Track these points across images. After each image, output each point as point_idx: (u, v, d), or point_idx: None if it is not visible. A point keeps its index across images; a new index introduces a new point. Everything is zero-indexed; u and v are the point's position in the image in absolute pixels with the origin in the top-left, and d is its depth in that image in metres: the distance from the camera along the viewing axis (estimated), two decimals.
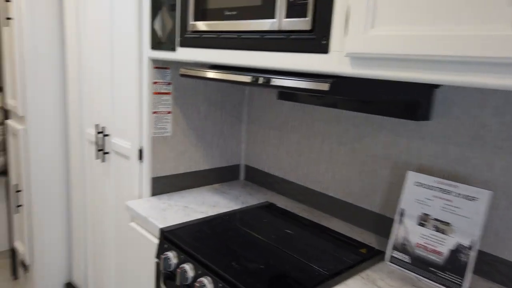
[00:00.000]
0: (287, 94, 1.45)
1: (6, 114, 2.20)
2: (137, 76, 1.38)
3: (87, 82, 1.78)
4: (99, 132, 1.68)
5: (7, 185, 2.35)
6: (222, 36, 1.03)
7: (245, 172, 1.71)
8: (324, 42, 0.77)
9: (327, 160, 1.36)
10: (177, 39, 1.18)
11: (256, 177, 1.65)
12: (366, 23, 0.70)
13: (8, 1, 1.96)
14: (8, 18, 2.00)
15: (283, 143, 1.51)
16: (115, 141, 1.59)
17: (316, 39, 0.79)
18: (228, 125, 1.62)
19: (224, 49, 1.04)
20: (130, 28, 1.39)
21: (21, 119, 2.01)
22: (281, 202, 1.47)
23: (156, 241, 1.23)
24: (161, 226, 1.19)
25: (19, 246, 2.26)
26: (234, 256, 1.03)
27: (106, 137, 1.64)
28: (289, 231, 1.20)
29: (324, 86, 0.76)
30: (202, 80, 1.49)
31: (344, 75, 0.78)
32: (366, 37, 0.70)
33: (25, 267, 2.20)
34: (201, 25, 1.09)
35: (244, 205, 1.41)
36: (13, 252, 2.29)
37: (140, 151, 1.43)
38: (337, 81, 0.76)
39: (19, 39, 1.88)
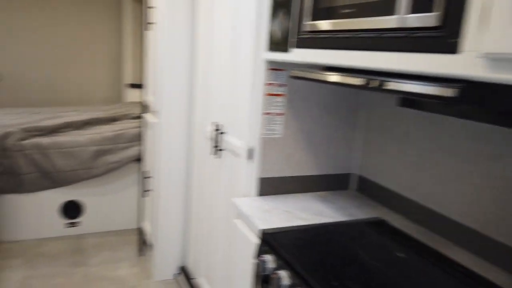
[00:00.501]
0: (409, 100, 1.30)
1: (145, 108, 2.50)
2: (252, 77, 1.41)
3: (212, 82, 1.89)
4: (216, 130, 1.77)
5: (139, 171, 2.67)
6: (337, 35, 0.97)
7: (356, 183, 1.60)
8: (454, 40, 0.65)
9: (454, 179, 1.17)
10: (291, 40, 1.15)
11: (368, 189, 1.53)
12: None
13: (150, 8, 2.22)
14: (150, 23, 2.26)
15: (403, 155, 1.36)
16: (229, 139, 1.65)
17: (444, 37, 0.67)
18: (341, 131, 1.54)
19: (339, 49, 0.97)
20: (249, 30, 1.42)
21: (156, 114, 2.25)
22: (395, 220, 1.33)
23: (256, 241, 1.23)
24: (262, 227, 1.19)
25: (145, 226, 2.55)
26: (334, 272, 0.96)
27: (222, 135, 1.73)
28: (400, 255, 1.07)
29: (450, 92, 0.64)
30: (317, 83, 1.44)
31: (477, 80, 0.64)
32: None
33: (149, 246, 2.46)
34: (317, 25, 1.05)
35: (350, 218, 1.31)
36: (140, 231, 2.59)
37: (250, 151, 1.46)
38: (467, 86, 0.63)
39: (159, 41, 2.11)
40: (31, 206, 2.62)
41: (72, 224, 2.77)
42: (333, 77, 0.99)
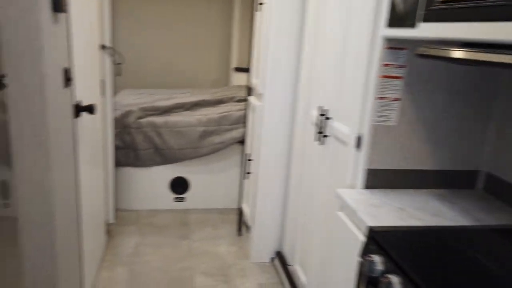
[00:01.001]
0: None
1: (250, 91, 2.51)
2: (366, 57, 1.27)
3: (318, 64, 1.79)
4: (321, 115, 1.68)
5: (242, 152, 2.72)
6: (482, 4, 0.79)
7: (484, 181, 1.37)
8: None
9: None
10: (419, 13, 0.99)
11: (499, 190, 1.30)
12: None
13: None
14: (261, 4, 2.23)
15: None
16: (335, 125, 1.55)
17: None
18: (469, 121, 1.32)
19: (482, 21, 0.80)
20: (365, 4, 1.28)
21: (260, 97, 2.24)
22: None
23: (362, 238, 1.12)
24: (370, 224, 1.07)
25: (245, 208, 2.59)
26: (456, 286, 0.81)
27: (327, 120, 1.63)
28: None
29: None
30: (443, 64, 1.24)
31: None
32: None
33: (247, 227, 2.51)
34: None
35: (477, 223, 1.12)
36: (240, 212, 2.65)
37: (359, 138, 1.34)
38: None
39: (266, 22, 2.07)
40: (145, 180, 2.87)
41: (179, 199, 2.96)
42: (471, 54, 0.82)
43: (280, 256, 2.28)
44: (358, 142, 1.34)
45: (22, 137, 1.22)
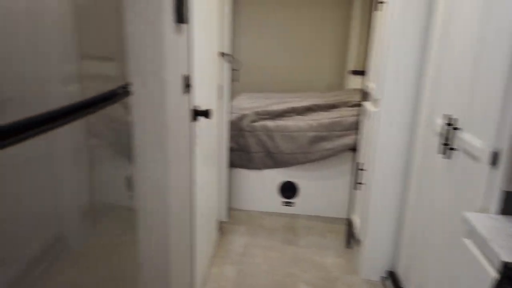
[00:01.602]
0: None
1: (364, 96, 2.36)
2: (509, 56, 1.06)
3: (446, 67, 1.58)
4: (448, 124, 1.47)
5: (354, 161, 2.57)
6: None
7: None
8: None
9: None
10: None
11: None
12: None
13: None
14: (381, 2, 2.08)
15: None
16: (465, 137, 1.33)
17: None
18: None
19: None
20: None
21: (376, 102, 2.09)
22: None
23: (494, 274, 0.93)
24: (506, 258, 0.88)
25: (354, 219, 2.45)
26: None
27: (455, 131, 1.42)
28: None
29: None
30: None
31: None
32: None
33: (356, 240, 2.36)
34: None
35: None
36: (349, 223, 2.51)
37: (495, 154, 1.12)
38: None
39: (387, 22, 1.92)
40: (256, 182, 2.94)
41: (288, 203, 2.96)
42: None
43: (393, 277, 2.09)
44: (494, 158, 1.13)
45: (144, 137, 1.34)
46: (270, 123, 2.85)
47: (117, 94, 1.06)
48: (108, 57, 1.01)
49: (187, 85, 1.58)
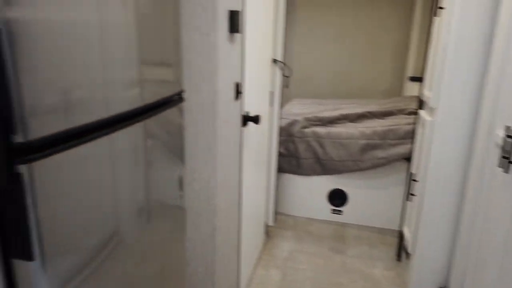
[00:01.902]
0: None
1: (421, 104, 2.28)
2: None
3: (509, 77, 1.49)
4: (509, 136, 1.38)
5: (408, 171, 2.48)
6: None
7: None
8: None
9: None
10: None
11: None
12: None
13: None
14: (441, 8, 2.00)
15: None
16: None
17: None
18: None
19: None
20: None
21: (431, 111, 2.01)
22: None
23: None
24: None
25: (406, 231, 2.36)
26: None
27: None
28: None
29: None
30: None
31: None
32: None
33: (407, 253, 2.28)
34: None
35: None
36: (401, 235, 2.43)
37: None
38: None
39: (446, 28, 1.85)
40: (305, 188, 2.94)
41: (336, 211, 2.92)
42: None
43: None
44: None
45: (196, 141, 1.41)
46: (320, 130, 2.84)
47: (173, 101, 1.13)
48: (165, 65, 1.09)
49: (238, 92, 1.64)
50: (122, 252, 0.94)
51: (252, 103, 1.93)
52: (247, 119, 1.81)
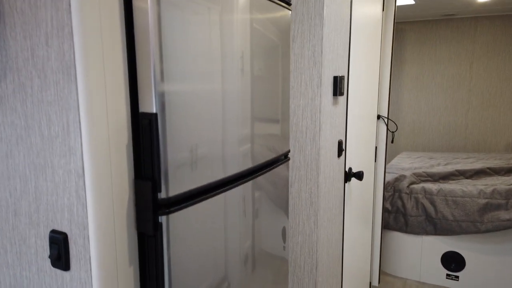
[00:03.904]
0: None
1: None
2: None
3: None
4: None
5: None
6: None
7: None
8: None
9: None
10: None
11: None
12: None
13: None
14: None
15: None
16: None
17: None
18: None
19: None
20: None
21: None
22: None
23: None
24: None
25: None
26: None
27: None
28: None
29: None
30: None
31: None
32: None
33: None
34: None
35: None
36: None
37: None
38: None
39: None
40: (414, 248, 2.76)
41: (452, 277, 2.65)
42: None
43: None
44: None
45: (299, 196, 1.51)
46: (431, 186, 2.69)
47: (280, 160, 1.27)
48: (275, 128, 1.24)
49: (340, 149, 1.71)
50: None
51: (355, 159, 1.97)
52: (350, 175, 1.85)
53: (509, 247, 2.46)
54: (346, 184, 1.85)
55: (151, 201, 0.76)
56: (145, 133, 0.75)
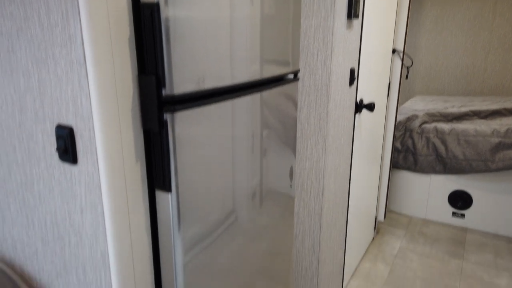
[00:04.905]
0: None
1: None
2: None
3: None
4: None
5: None
6: None
7: None
8: None
9: None
10: None
11: None
12: None
13: None
14: None
15: None
16: None
17: None
18: None
19: None
20: None
21: None
22: None
23: None
24: None
25: None
26: None
27: None
28: None
29: None
30: None
31: None
32: None
33: None
34: None
35: None
36: None
37: None
38: None
39: None
40: (421, 186, 2.77)
41: (458, 215, 2.68)
42: None
43: None
44: None
45: (308, 122, 1.49)
46: (444, 125, 2.64)
47: (289, 79, 1.23)
48: (284, 48, 1.19)
49: (352, 78, 1.66)
50: (237, 229, 1.07)
51: (367, 91, 1.92)
52: (361, 106, 1.82)
53: None
54: (357, 116, 1.82)
55: (156, 97, 0.75)
56: (147, 24, 0.72)
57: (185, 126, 0.80)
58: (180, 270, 0.85)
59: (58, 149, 0.76)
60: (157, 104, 0.75)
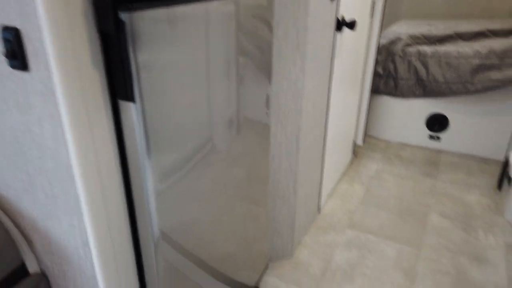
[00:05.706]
0: None
1: None
2: None
3: None
4: None
5: None
6: None
7: None
8: None
9: None
10: None
11: None
12: None
13: None
14: None
15: None
16: None
17: None
18: None
19: None
20: None
21: None
22: None
23: None
24: None
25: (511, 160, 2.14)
26: None
27: None
28: None
29: None
30: None
31: None
32: None
33: (510, 181, 2.09)
34: None
35: None
36: (506, 164, 2.21)
37: None
38: None
39: None
40: (400, 111, 2.79)
41: (434, 138, 2.74)
42: None
43: None
44: None
45: (285, 39, 1.42)
46: (426, 48, 2.59)
47: None
48: None
49: None
50: (214, 156, 1.05)
51: (350, 10, 1.83)
52: (341, 23, 1.74)
53: (493, 109, 2.49)
54: (338, 35, 1.75)
55: None
56: None
57: (147, 30, 0.73)
58: (150, 180, 0.84)
59: (6, 54, 0.69)
60: (111, 2, 0.68)
